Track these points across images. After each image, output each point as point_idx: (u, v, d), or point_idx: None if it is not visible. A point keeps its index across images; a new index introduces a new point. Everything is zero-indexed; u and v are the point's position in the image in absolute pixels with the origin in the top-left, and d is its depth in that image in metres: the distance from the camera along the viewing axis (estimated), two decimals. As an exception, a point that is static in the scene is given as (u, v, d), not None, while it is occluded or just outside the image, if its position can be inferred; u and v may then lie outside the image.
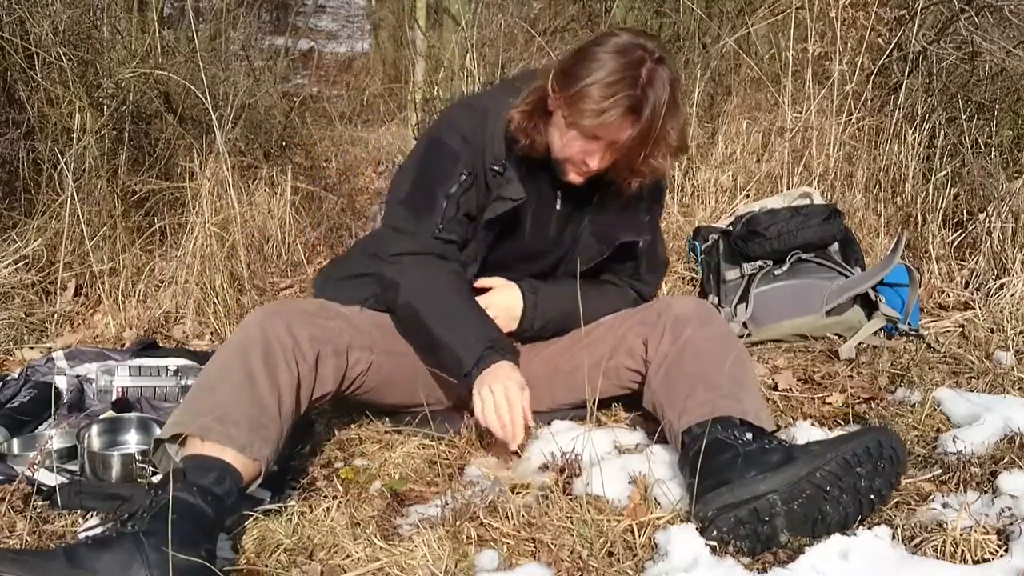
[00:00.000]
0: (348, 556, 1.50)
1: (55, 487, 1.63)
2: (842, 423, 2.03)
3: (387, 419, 1.98)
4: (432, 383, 1.91)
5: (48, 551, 1.38)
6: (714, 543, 1.46)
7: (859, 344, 2.44)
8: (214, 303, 2.64)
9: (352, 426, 2.00)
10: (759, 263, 2.61)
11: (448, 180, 1.82)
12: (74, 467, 1.76)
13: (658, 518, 1.55)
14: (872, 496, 1.51)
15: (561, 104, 1.70)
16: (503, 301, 1.92)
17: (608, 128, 1.67)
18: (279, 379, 1.61)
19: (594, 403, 1.78)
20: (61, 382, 2.12)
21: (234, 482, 1.50)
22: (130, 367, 2.14)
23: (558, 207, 1.91)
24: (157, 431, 1.83)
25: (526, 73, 1.96)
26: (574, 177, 1.80)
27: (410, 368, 1.87)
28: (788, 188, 3.28)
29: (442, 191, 1.82)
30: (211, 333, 2.61)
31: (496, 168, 1.82)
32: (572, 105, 1.67)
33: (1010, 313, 2.55)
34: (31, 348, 2.48)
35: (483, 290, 1.93)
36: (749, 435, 1.59)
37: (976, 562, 1.44)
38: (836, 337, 2.53)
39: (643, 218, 1.94)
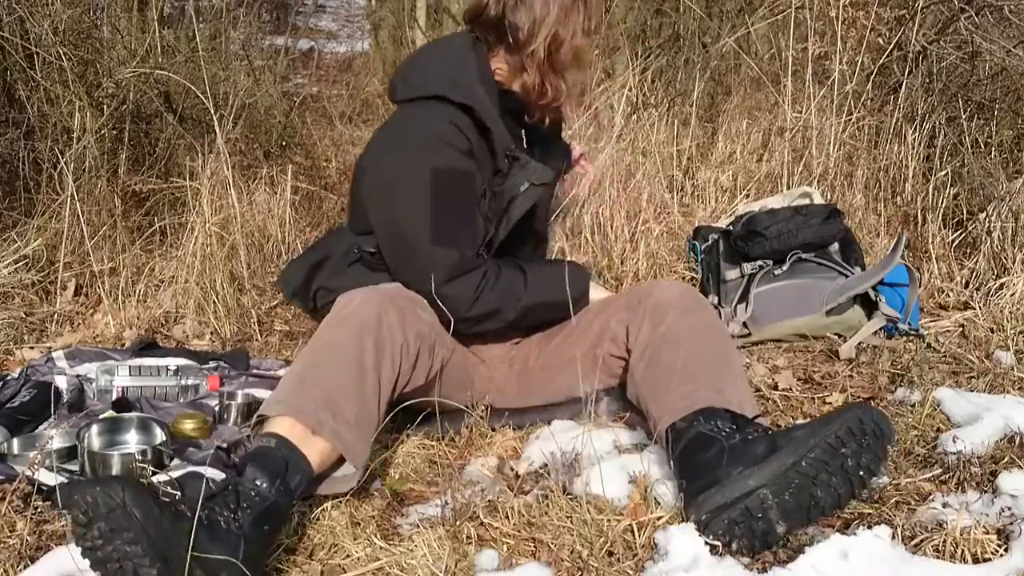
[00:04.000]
0: (348, 556, 1.51)
1: (55, 487, 1.63)
2: (842, 423, 2.03)
3: (387, 419, 1.98)
4: (464, 384, 1.93)
5: (179, 515, 1.34)
6: (715, 543, 1.46)
7: (859, 344, 2.44)
8: (214, 303, 2.64)
9: (352, 426, 2.00)
10: (759, 263, 2.61)
11: (476, 200, 1.83)
12: (74, 467, 1.76)
13: (658, 518, 1.56)
14: (862, 473, 1.50)
15: (564, 31, 1.83)
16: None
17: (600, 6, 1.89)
18: (383, 375, 1.61)
19: (589, 394, 1.78)
20: (61, 382, 2.11)
21: (308, 485, 1.54)
22: (130, 367, 2.14)
23: (525, 147, 1.96)
24: (157, 431, 1.84)
25: (425, 75, 1.90)
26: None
27: (455, 365, 1.88)
28: (788, 188, 3.28)
29: (478, 212, 1.83)
30: (211, 333, 2.61)
31: (511, 155, 1.85)
32: (582, 14, 1.83)
33: (1010, 313, 2.55)
34: (31, 348, 2.47)
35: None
36: (732, 426, 1.58)
37: (976, 562, 1.44)
38: (836, 337, 2.53)
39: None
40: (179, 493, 1.43)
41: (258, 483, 1.44)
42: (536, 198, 1.88)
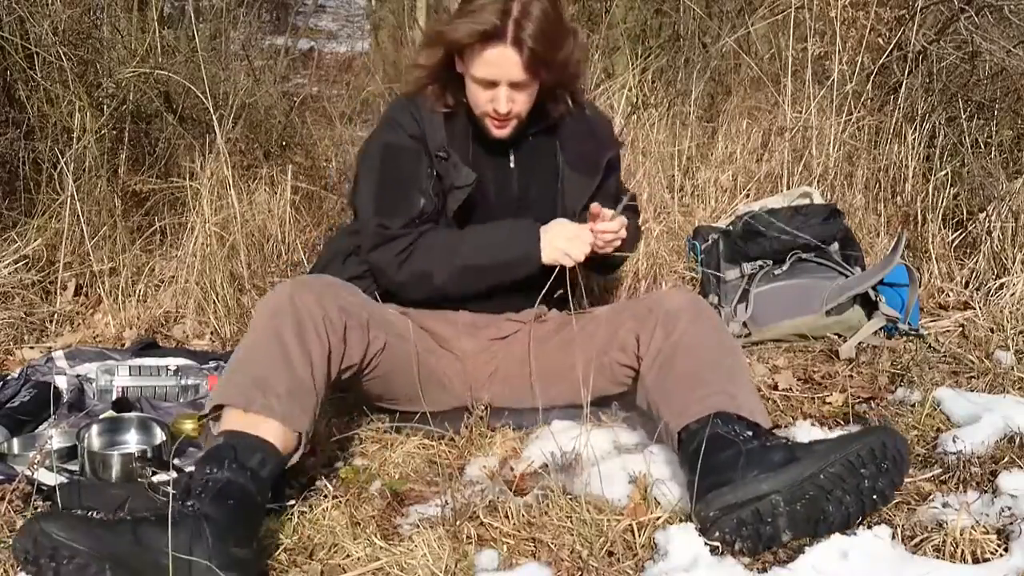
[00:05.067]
0: (348, 556, 1.51)
1: (55, 487, 1.63)
2: (842, 423, 2.04)
3: (387, 419, 1.98)
4: (439, 381, 1.93)
5: (116, 523, 1.37)
6: (714, 543, 1.46)
7: (859, 344, 2.44)
8: (214, 303, 2.64)
9: (352, 426, 2.00)
10: (759, 263, 2.61)
11: (419, 178, 1.89)
12: (74, 467, 1.76)
13: (658, 518, 1.56)
14: (875, 496, 1.50)
15: (462, 60, 1.84)
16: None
17: (498, 68, 1.78)
18: (310, 349, 1.61)
19: (589, 400, 1.78)
20: (61, 382, 2.11)
21: (276, 464, 1.53)
22: (130, 367, 2.14)
23: (512, 166, 1.98)
24: (157, 431, 1.84)
25: None
26: (498, 131, 1.90)
27: (422, 364, 1.88)
28: (788, 188, 3.28)
29: (417, 188, 1.89)
30: (211, 333, 2.61)
31: (441, 155, 1.89)
32: (465, 58, 1.82)
33: (1010, 313, 2.55)
34: (31, 348, 2.47)
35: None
36: (749, 432, 1.58)
37: (976, 562, 1.45)
38: (836, 337, 2.53)
39: (607, 131, 2.10)
40: (176, 492, 1.43)
41: (208, 471, 1.44)
42: (463, 199, 1.89)
